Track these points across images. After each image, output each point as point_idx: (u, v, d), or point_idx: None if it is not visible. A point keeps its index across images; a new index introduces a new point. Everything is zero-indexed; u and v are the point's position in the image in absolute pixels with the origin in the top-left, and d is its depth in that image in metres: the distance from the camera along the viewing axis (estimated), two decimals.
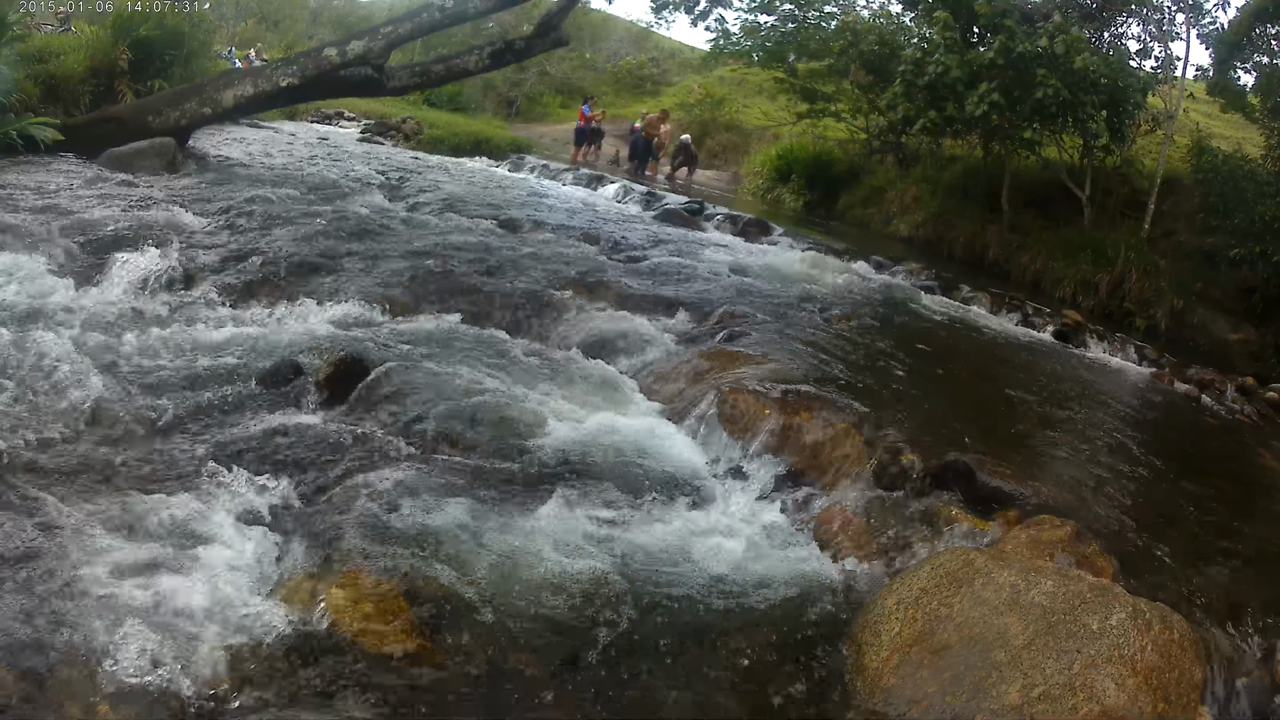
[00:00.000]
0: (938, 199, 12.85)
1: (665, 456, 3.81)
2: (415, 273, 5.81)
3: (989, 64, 10.32)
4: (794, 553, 3.20)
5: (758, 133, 18.95)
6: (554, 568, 2.79)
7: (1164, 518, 3.86)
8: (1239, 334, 9.64)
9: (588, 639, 2.54)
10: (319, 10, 31.52)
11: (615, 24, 29.15)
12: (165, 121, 9.26)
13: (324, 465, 3.30)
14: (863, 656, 2.63)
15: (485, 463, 3.46)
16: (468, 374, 4.28)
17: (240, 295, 5.18)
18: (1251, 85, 11.46)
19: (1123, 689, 2.39)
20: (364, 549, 2.69)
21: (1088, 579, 2.77)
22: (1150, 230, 10.71)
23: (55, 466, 3.05)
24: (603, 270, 6.79)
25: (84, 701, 2.05)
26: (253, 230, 6.40)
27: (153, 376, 3.89)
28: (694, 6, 17.85)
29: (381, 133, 18.47)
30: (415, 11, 10.39)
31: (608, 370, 4.81)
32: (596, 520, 3.14)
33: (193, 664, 2.19)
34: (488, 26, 21.08)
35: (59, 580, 2.37)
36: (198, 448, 3.30)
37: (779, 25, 17.04)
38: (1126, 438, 5.12)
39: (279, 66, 10.08)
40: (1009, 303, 8.98)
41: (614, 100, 22.23)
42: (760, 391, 4.17)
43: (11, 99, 8.30)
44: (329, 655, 2.31)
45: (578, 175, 14.18)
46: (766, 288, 7.24)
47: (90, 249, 5.47)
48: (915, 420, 4.26)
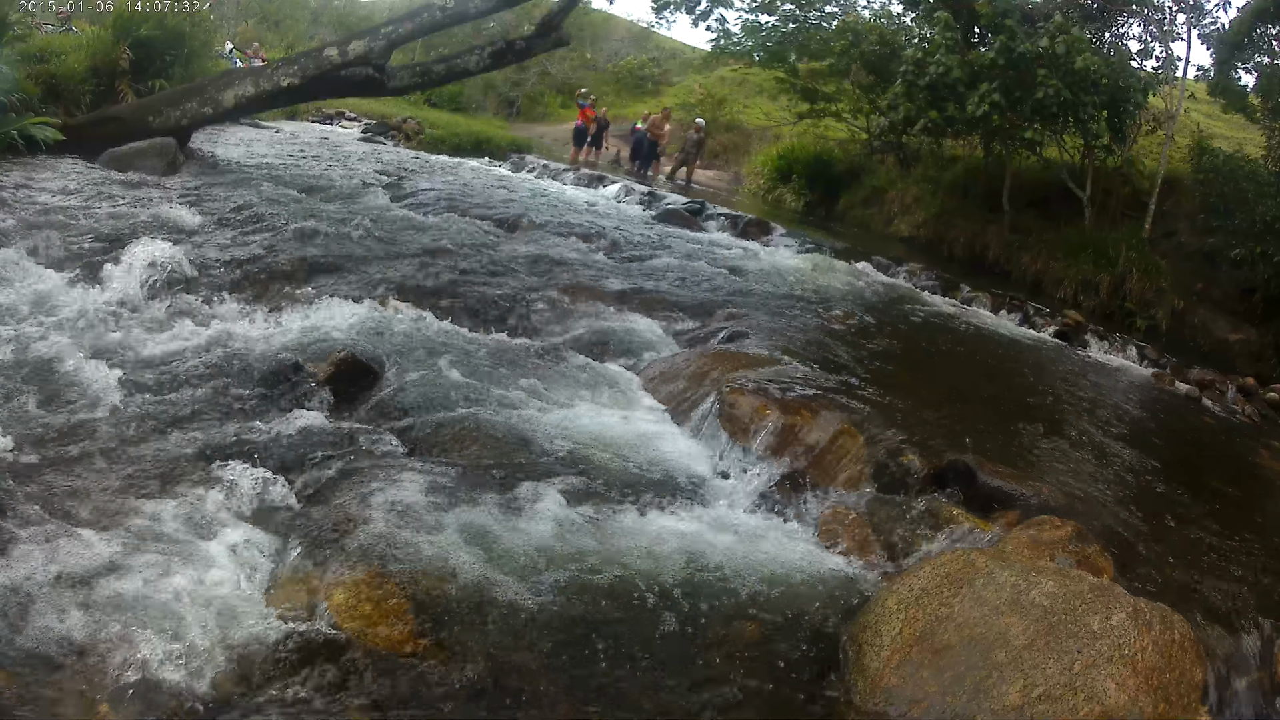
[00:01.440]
0: (938, 199, 12.86)
1: (666, 457, 3.81)
2: (416, 273, 5.81)
3: (990, 64, 10.33)
4: (794, 552, 3.20)
5: (759, 133, 18.96)
6: (554, 567, 2.79)
7: (1164, 518, 3.86)
8: (1239, 334, 9.64)
9: (588, 638, 2.54)
10: (320, 10, 31.49)
11: (616, 24, 29.15)
12: (166, 121, 9.26)
13: (324, 465, 3.30)
14: (863, 656, 2.63)
15: (486, 462, 3.45)
16: (469, 374, 4.29)
17: (241, 294, 5.18)
18: (1252, 85, 11.47)
19: (1123, 689, 2.39)
20: (364, 549, 2.69)
21: (1088, 579, 2.77)
22: (1151, 230, 10.72)
23: (54, 466, 3.05)
24: (603, 270, 6.80)
25: (84, 701, 2.05)
26: (253, 230, 6.40)
27: (153, 376, 3.90)
28: (695, 6, 17.88)
29: (382, 133, 18.48)
30: (416, 11, 10.38)
31: (609, 370, 4.81)
32: (597, 520, 3.14)
33: (193, 664, 2.19)
34: (489, 26, 21.09)
35: (58, 580, 2.37)
36: (198, 447, 3.30)
37: (780, 25, 17.04)
38: (1127, 438, 5.12)
39: (280, 66, 10.07)
40: (1010, 303, 8.98)
41: (615, 100, 22.22)
42: (761, 391, 4.17)
43: (12, 99, 8.29)
44: (329, 655, 2.31)
45: (578, 175, 14.18)
46: (767, 288, 7.24)
47: (91, 249, 5.47)
48: (916, 420, 4.26)
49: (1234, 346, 9.54)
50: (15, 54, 8.65)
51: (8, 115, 8.16)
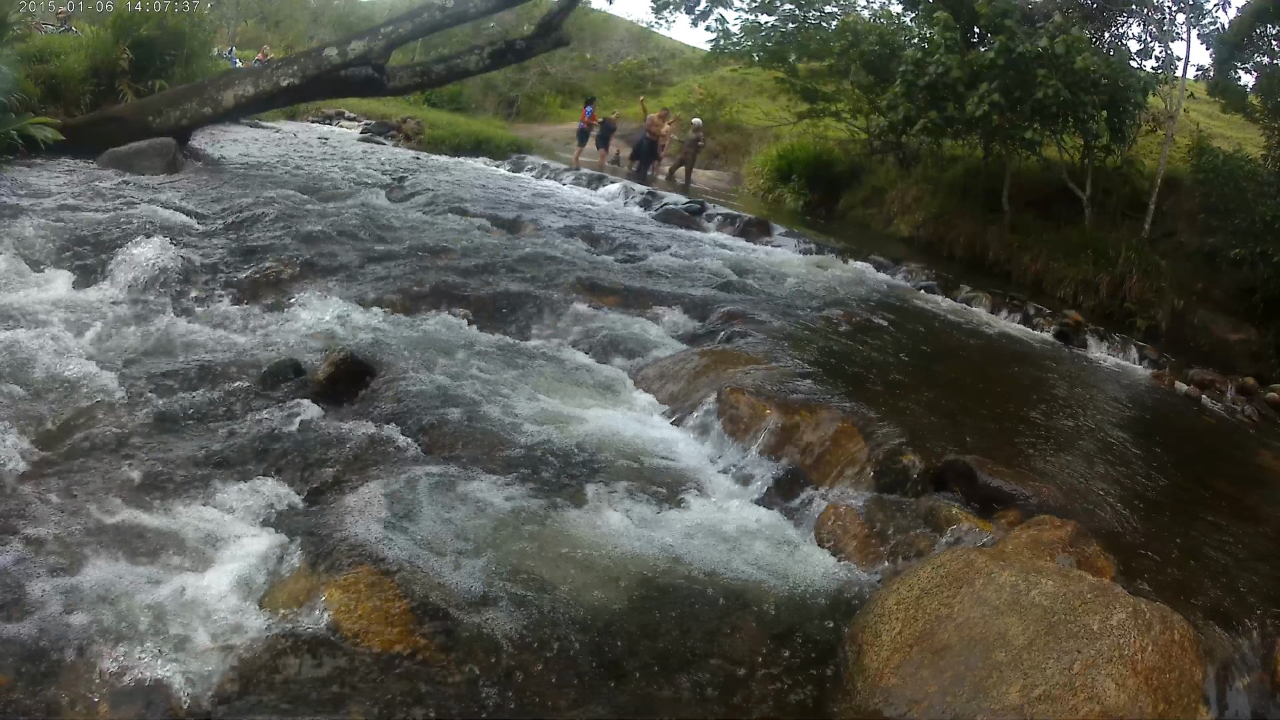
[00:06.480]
0: (938, 199, 12.85)
1: (666, 456, 3.81)
2: (415, 272, 5.81)
3: (989, 64, 10.32)
4: (794, 552, 3.20)
5: (758, 133, 18.95)
6: (553, 567, 2.79)
7: (1164, 518, 3.86)
8: (1239, 334, 9.63)
9: (587, 637, 2.54)
10: (319, 10, 31.50)
11: (616, 24, 29.15)
12: (166, 121, 9.26)
13: (323, 465, 3.30)
14: (863, 656, 2.63)
15: (484, 462, 3.45)
16: (468, 374, 4.29)
17: (240, 295, 5.18)
18: (1252, 85, 11.46)
19: (1123, 689, 2.39)
20: (363, 549, 2.69)
21: (1088, 579, 2.77)
22: (1151, 230, 10.72)
23: (53, 466, 3.05)
24: (603, 270, 6.79)
25: (84, 701, 2.05)
26: (253, 230, 6.40)
27: (152, 376, 3.89)
28: (694, 6, 17.86)
29: (382, 133, 18.48)
30: (416, 11, 10.39)
31: (608, 370, 4.81)
32: (596, 520, 3.14)
33: (192, 664, 2.19)
34: (488, 26, 21.09)
35: (58, 580, 2.37)
36: (197, 447, 3.30)
37: (779, 25, 17.01)
38: (1127, 438, 5.12)
39: (280, 66, 10.07)
40: (1010, 303, 8.98)
41: (615, 100, 22.20)
42: (761, 391, 4.17)
43: (12, 99, 8.29)
44: (329, 655, 2.31)
45: (578, 175, 14.18)
46: (767, 288, 7.24)
47: (90, 249, 5.46)
48: (916, 420, 4.26)
49: (1234, 346, 9.53)
50: (15, 54, 8.65)
51: (8, 115, 8.16)
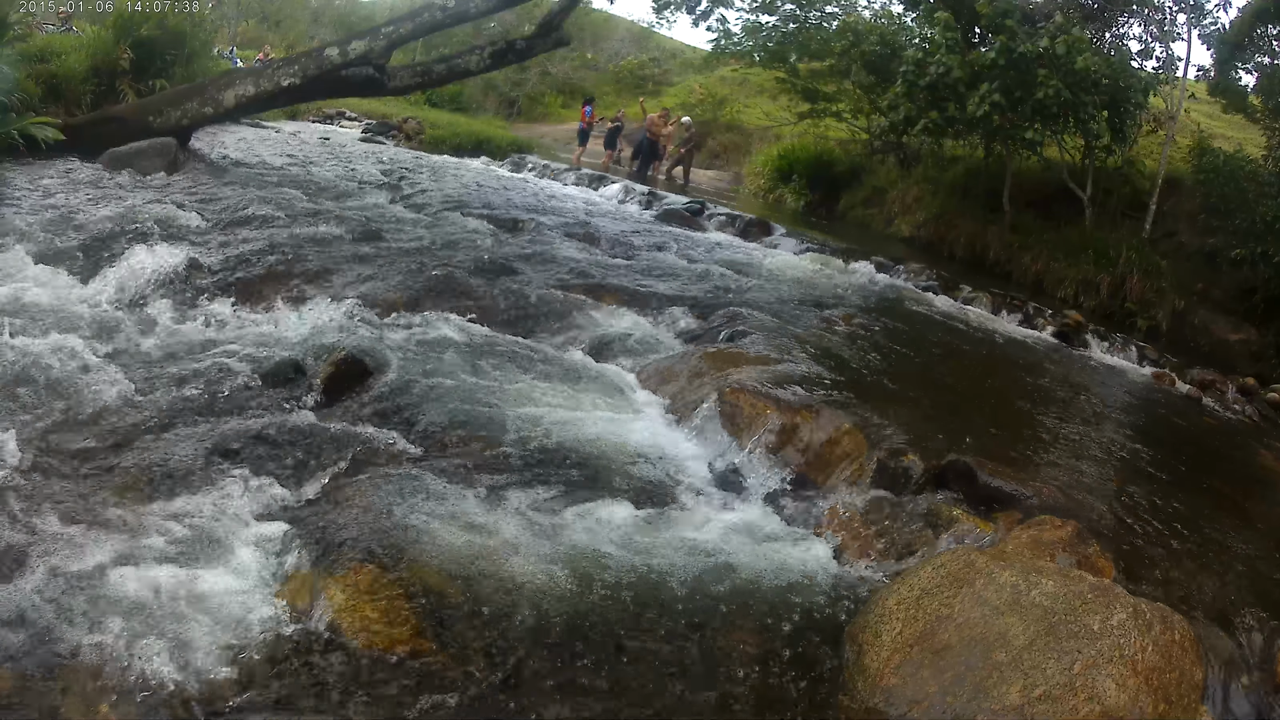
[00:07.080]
0: (939, 199, 12.85)
1: (666, 456, 3.81)
2: (416, 272, 5.81)
3: (990, 64, 10.32)
4: (795, 552, 3.19)
5: (759, 133, 18.95)
6: (555, 566, 2.79)
7: (1165, 518, 3.86)
8: (1240, 334, 9.63)
9: (588, 637, 2.54)
10: (320, 10, 31.50)
11: (617, 24, 29.15)
12: (166, 121, 9.26)
13: (325, 465, 3.30)
14: (863, 656, 2.63)
15: (486, 462, 3.45)
16: (469, 374, 4.29)
17: (241, 295, 5.18)
18: (1253, 86, 11.47)
19: (1123, 689, 2.39)
20: (365, 548, 2.69)
21: (1088, 579, 2.77)
22: (1151, 231, 10.72)
23: (54, 465, 3.05)
24: (604, 270, 6.80)
25: (84, 701, 2.05)
26: (253, 230, 6.40)
27: (153, 376, 3.89)
28: (695, 6, 17.85)
29: (383, 133, 18.49)
30: (417, 11, 10.39)
31: (609, 370, 4.81)
32: (597, 519, 3.14)
33: (193, 663, 2.19)
34: (489, 26, 21.08)
35: (58, 580, 2.37)
36: (197, 447, 3.30)
37: (780, 25, 17.01)
38: (1127, 438, 5.13)
39: (280, 66, 10.08)
40: (1010, 303, 8.98)
41: (615, 100, 22.20)
42: (761, 391, 4.17)
43: (13, 99, 8.30)
44: (330, 655, 2.31)
45: (579, 175, 14.19)
46: (767, 288, 7.25)
47: (91, 248, 5.47)
48: (916, 420, 4.26)
49: (1234, 346, 9.53)
50: (16, 54, 8.65)
51: (8, 115, 8.16)
